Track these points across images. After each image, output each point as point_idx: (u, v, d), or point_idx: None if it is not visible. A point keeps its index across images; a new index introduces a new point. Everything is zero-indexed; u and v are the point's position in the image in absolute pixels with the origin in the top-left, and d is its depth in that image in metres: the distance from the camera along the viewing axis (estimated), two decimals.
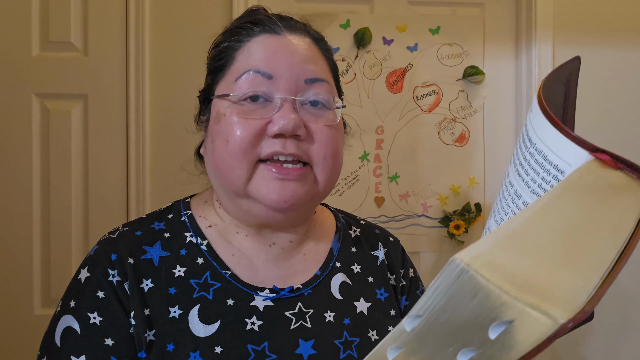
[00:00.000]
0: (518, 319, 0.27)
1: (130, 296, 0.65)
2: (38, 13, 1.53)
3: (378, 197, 1.67)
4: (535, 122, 0.51)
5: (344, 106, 0.72)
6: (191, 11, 1.57)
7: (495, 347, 0.28)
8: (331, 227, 0.79)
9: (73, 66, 1.55)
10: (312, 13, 1.62)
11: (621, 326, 1.70)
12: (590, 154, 0.44)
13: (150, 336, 0.63)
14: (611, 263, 0.32)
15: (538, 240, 0.33)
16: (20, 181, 1.53)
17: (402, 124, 1.67)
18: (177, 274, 0.67)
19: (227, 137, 0.65)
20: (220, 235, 0.71)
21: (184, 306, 0.65)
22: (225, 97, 0.67)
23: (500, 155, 1.71)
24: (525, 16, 1.67)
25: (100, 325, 0.63)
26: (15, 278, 1.53)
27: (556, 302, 0.27)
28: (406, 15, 1.66)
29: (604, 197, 0.40)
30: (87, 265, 0.67)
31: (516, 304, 0.27)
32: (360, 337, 0.70)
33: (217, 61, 0.71)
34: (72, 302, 0.65)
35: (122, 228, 0.71)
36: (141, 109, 1.55)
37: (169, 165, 1.56)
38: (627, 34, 1.70)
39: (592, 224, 0.36)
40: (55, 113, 1.55)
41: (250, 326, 0.65)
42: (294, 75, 0.66)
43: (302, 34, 0.71)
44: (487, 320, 0.28)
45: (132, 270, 0.66)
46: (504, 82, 1.71)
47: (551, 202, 0.38)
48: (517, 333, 0.27)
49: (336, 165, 0.69)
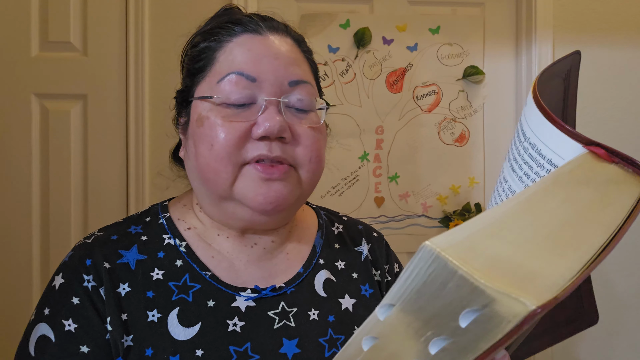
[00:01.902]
0: (489, 306, 0.26)
1: (106, 301, 0.63)
2: (37, 13, 1.53)
3: (378, 197, 1.67)
4: (530, 116, 0.50)
5: (327, 107, 0.71)
6: (191, 11, 1.57)
7: (466, 335, 0.27)
8: (313, 225, 0.78)
9: (72, 66, 1.54)
10: (312, 13, 1.62)
11: (614, 328, 1.70)
12: (584, 147, 0.44)
13: (128, 341, 0.62)
14: (594, 255, 0.31)
15: (519, 231, 0.32)
16: (20, 181, 1.53)
17: (402, 124, 1.67)
18: (155, 277, 0.66)
19: (212, 141, 0.63)
20: (200, 238, 0.70)
21: (163, 309, 0.64)
22: (207, 99, 0.65)
23: (500, 155, 1.71)
24: (525, 16, 1.67)
25: (75, 333, 0.62)
26: (15, 278, 1.53)
27: (528, 289, 0.26)
28: (406, 15, 1.66)
29: (596, 190, 0.39)
30: (61, 272, 0.66)
31: (487, 291, 0.27)
32: (345, 335, 0.69)
33: (197, 62, 0.69)
34: (46, 310, 0.64)
35: (97, 233, 0.70)
36: (140, 109, 1.55)
37: (168, 164, 1.56)
38: (627, 34, 1.70)
39: (580, 217, 0.36)
40: (54, 113, 1.55)
41: (232, 327, 0.64)
42: (279, 78, 0.65)
43: (284, 34, 0.70)
44: (458, 308, 0.27)
45: (108, 275, 0.64)
46: (504, 82, 1.71)
47: (538, 195, 0.38)
48: (487, 320, 0.27)
49: (320, 167, 0.69)
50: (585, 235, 0.33)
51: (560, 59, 0.58)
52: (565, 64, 0.59)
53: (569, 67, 0.59)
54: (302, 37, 0.73)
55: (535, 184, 0.41)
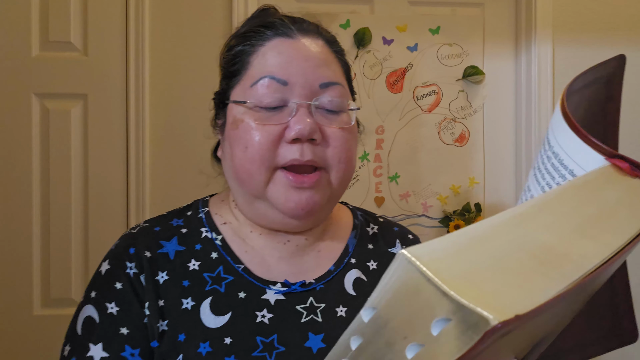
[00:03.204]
0: (454, 317, 0.27)
1: (145, 288, 0.67)
2: (38, 13, 1.53)
3: (378, 197, 1.67)
4: (556, 124, 0.48)
5: (358, 108, 0.73)
6: (191, 11, 1.57)
7: (437, 343, 0.28)
8: (348, 225, 0.80)
9: (73, 66, 1.54)
10: (312, 13, 1.62)
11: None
12: (607, 159, 0.42)
13: (163, 326, 0.66)
14: (577, 279, 0.31)
15: (503, 245, 0.32)
16: (20, 181, 1.53)
17: (402, 124, 1.67)
18: (191, 267, 0.70)
19: (246, 144, 0.67)
20: (235, 233, 0.73)
21: (197, 298, 0.67)
22: (241, 104, 0.69)
23: (500, 155, 1.71)
24: (525, 16, 1.68)
25: (117, 315, 0.66)
26: (15, 278, 1.53)
27: (494, 305, 0.27)
28: (406, 15, 1.66)
29: (606, 204, 0.38)
30: (107, 258, 0.71)
31: (453, 303, 0.27)
32: None
33: (232, 65, 0.72)
34: (92, 293, 0.68)
35: (142, 224, 0.75)
36: (141, 108, 1.55)
37: (168, 165, 1.56)
38: (627, 34, 1.70)
39: (578, 234, 0.35)
40: (55, 113, 1.55)
41: (260, 319, 0.67)
42: (309, 81, 0.67)
43: (315, 36, 0.72)
44: (429, 317, 0.28)
45: (149, 264, 0.69)
46: (503, 82, 1.71)
47: (537, 208, 0.37)
48: (454, 331, 0.27)
49: (350, 167, 0.71)
50: (575, 256, 0.33)
51: (600, 64, 0.56)
52: (605, 69, 0.57)
53: (610, 72, 0.57)
54: (334, 37, 0.76)
55: (539, 195, 0.40)
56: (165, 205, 1.61)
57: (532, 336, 0.43)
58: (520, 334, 0.34)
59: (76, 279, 1.54)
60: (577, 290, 0.31)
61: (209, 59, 1.57)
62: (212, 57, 1.56)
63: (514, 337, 0.34)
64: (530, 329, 0.36)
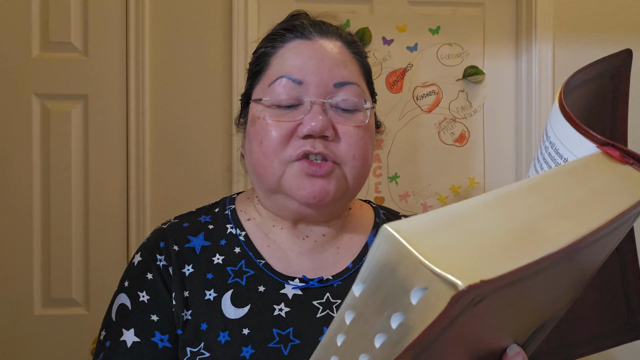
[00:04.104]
0: (430, 285, 0.29)
1: (173, 279, 0.72)
2: (38, 13, 1.54)
3: (378, 197, 1.67)
4: (553, 115, 0.50)
5: (373, 107, 0.76)
6: (191, 11, 1.58)
7: (415, 312, 0.30)
8: (369, 223, 0.82)
9: (73, 66, 1.55)
10: (312, 13, 1.62)
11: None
12: (598, 147, 0.44)
13: (187, 316, 0.70)
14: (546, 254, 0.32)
15: (484, 222, 0.34)
16: (21, 181, 1.54)
17: (402, 124, 1.67)
18: (215, 261, 0.73)
19: (261, 139, 0.70)
20: (258, 228, 0.77)
21: (219, 290, 0.71)
22: (259, 102, 0.72)
23: (500, 155, 1.71)
24: (525, 16, 1.67)
25: (148, 303, 0.71)
26: (15, 278, 1.53)
27: (463, 273, 0.28)
28: (406, 15, 1.66)
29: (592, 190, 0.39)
30: (140, 251, 0.75)
31: (428, 272, 0.29)
32: None
33: (255, 66, 0.76)
34: (126, 282, 0.74)
35: (173, 220, 0.79)
36: (141, 109, 1.55)
37: (169, 165, 1.56)
38: (627, 34, 1.70)
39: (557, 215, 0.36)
40: (55, 113, 1.55)
41: (278, 312, 0.70)
42: (323, 80, 0.70)
43: (334, 37, 0.75)
44: (408, 287, 0.30)
45: (176, 257, 0.73)
46: (504, 82, 1.71)
47: (523, 189, 0.38)
48: (428, 298, 0.29)
49: (364, 164, 0.73)
50: (550, 233, 0.34)
51: (605, 57, 0.57)
52: (609, 64, 0.58)
53: (616, 66, 0.58)
54: (354, 39, 0.78)
55: (527, 178, 0.41)
56: (165, 205, 1.61)
57: (526, 319, 0.43)
58: (504, 308, 0.35)
59: (76, 279, 1.55)
60: (548, 263, 0.32)
61: (209, 60, 1.58)
62: (212, 58, 1.57)
63: (499, 312, 0.36)
64: (517, 305, 0.37)
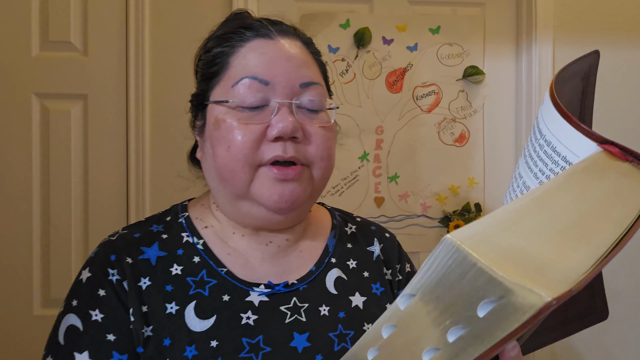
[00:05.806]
0: (505, 297, 0.28)
1: (129, 294, 0.67)
2: (38, 13, 1.53)
3: (377, 197, 1.67)
4: (546, 113, 0.51)
5: (337, 107, 0.74)
6: (191, 11, 1.57)
7: (483, 324, 0.29)
8: (327, 225, 0.81)
9: (73, 66, 1.55)
10: (312, 13, 1.62)
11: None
12: (598, 145, 0.45)
13: (148, 332, 0.66)
14: (607, 250, 0.32)
15: (533, 225, 0.34)
16: (20, 181, 1.53)
17: (401, 124, 1.67)
18: (173, 272, 0.69)
19: (229, 143, 0.67)
20: (217, 236, 0.73)
21: (181, 302, 0.67)
22: (223, 103, 0.69)
23: (500, 155, 1.71)
24: (525, 16, 1.67)
25: (102, 322, 0.65)
26: (15, 278, 1.53)
27: (542, 282, 0.27)
28: (406, 15, 1.66)
29: (609, 187, 0.40)
30: (88, 266, 0.70)
31: (504, 283, 0.28)
32: (355, 330, 0.72)
33: (211, 67, 0.72)
34: (74, 301, 0.67)
35: (121, 231, 0.74)
36: (141, 108, 1.55)
37: (168, 165, 1.56)
38: (628, 34, 1.70)
39: (592, 212, 0.37)
40: (55, 113, 1.55)
41: (245, 320, 0.67)
42: (290, 80, 0.68)
43: (293, 37, 0.73)
44: (475, 299, 0.29)
45: (130, 270, 0.68)
46: (504, 82, 1.71)
47: (552, 191, 0.39)
48: (504, 310, 0.28)
49: (330, 164, 0.73)
50: (597, 231, 0.34)
51: (579, 58, 0.59)
52: (584, 63, 0.59)
53: (588, 67, 0.60)
54: (310, 39, 0.77)
55: (549, 180, 0.42)
56: (165, 205, 1.60)
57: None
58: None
59: None
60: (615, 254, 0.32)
61: None
62: None
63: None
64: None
